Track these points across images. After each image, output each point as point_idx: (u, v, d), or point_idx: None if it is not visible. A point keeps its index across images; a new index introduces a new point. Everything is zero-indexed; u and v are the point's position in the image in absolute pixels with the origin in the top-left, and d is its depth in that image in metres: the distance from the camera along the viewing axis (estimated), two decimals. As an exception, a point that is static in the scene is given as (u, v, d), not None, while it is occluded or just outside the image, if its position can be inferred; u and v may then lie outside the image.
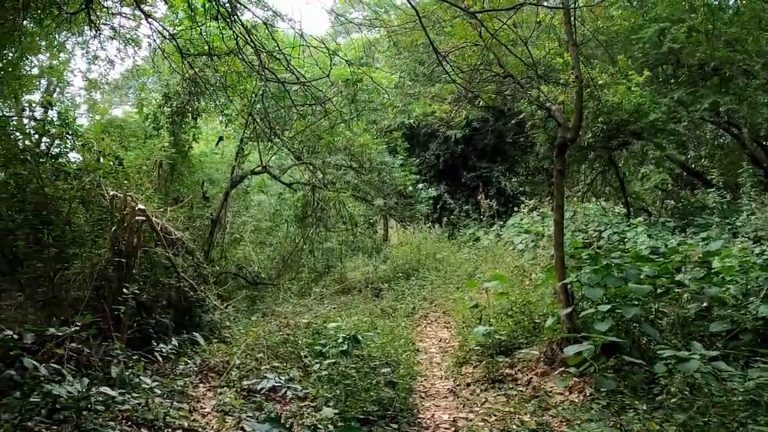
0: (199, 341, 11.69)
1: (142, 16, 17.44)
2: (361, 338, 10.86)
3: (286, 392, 9.65)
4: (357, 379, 9.65)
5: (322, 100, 14.79)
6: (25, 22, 13.20)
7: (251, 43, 11.53)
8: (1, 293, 12.82)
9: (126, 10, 16.11)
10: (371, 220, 28.50)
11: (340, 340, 10.58)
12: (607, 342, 9.36)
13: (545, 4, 13.60)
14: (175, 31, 14.41)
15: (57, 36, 19.45)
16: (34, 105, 18.02)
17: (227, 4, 11.12)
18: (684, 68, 20.82)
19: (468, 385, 11.04)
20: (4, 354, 8.90)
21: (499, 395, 10.17)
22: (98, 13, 13.92)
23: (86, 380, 8.03)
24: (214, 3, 11.77)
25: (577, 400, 9.46)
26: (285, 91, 13.10)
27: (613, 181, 23.16)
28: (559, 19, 14.24)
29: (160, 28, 13.79)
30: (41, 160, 13.60)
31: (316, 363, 10.47)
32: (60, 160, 13.86)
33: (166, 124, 20.88)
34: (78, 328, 9.01)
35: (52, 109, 15.31)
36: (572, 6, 11.81)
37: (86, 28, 17.38)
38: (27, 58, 18.66)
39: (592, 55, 19.51)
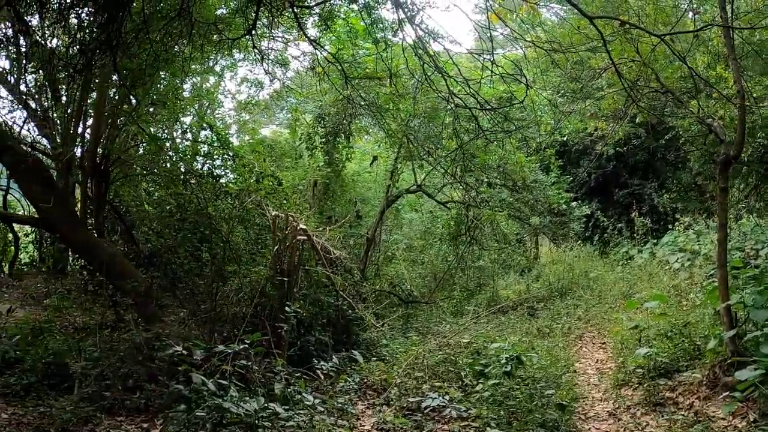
0: (357, 359, 11.74)
1: (291, 38, 17.91)
2: (524, 359, 10.71)
3: (449, 412, 9.57)
4: (521, 401, 9.51)
5: (507, 129, 14.77)
6: (185, 48, 13.53)
7: (438, 69, 11.57)
8: (164, 309, 13.16)
9: (278, 33, 16.45)
10: (519, 238, 28.24)
11: (503, 361, 10.45)
12: (777, 366, 8.98)
13: (703, 22, 13.29)
14: (333, 53, 14.58)
15: (211, 59, 19.94)
16: (193, 128, 18.50)
17: (389, 25, 11.22)
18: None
19: (628, 408, 10.73)
20: (171, 368, 9.12)
21: (660, 419, 9.87)
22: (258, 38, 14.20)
23: (262, 399, 8.13)
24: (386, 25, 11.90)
25: (740, 426, 9.10)
26: (473, 117, 13.11)
27: (766, 196, 22.35)
28: (714, 31, 13.87)
29: (324, 53, 13.97)
30: (202, 180, 13.92)
31: (479, 383, 10.37)
32: (221, 180, 14.16)
33: (320, 144, 21.15)
34: (246, 345, 9.13)
35: (210, 131, 15.66)
36: (732, 26, 11.40)
37: (235, 51, 17.83)
38: (185, 82, 19.18)
39: (743, 65, 18.85)
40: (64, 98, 15.92)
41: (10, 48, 13.57)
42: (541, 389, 10.16)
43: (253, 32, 11.05)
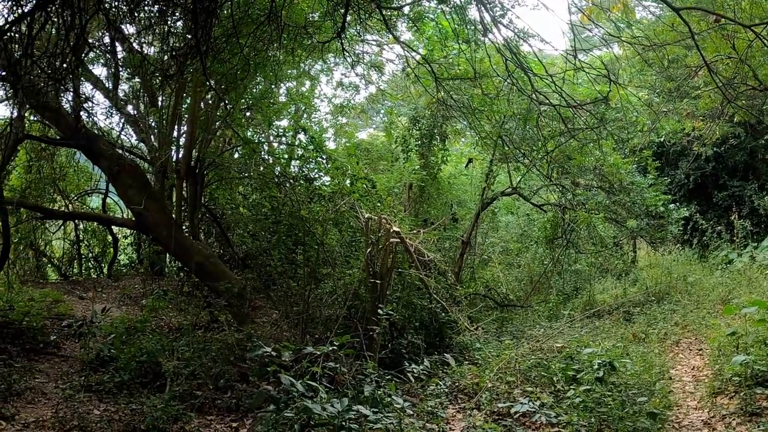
0: (449, 362, 11.66)
1: (384, 41, 17.91)
2: (617, 365, 10.51)
3: (539, 417, 9.43)
4: (613, 408, 9.32)
5: (593, 126, 14.57)
6: (277, 53, 13.61)
7: (522, 69, 11.47)
8: (257, 310, 13.27)
9: (368, 36, 16.47)
10: (616, 241, 27.78)
11: (596, 367, 10.27)
12: None
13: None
14: (425, 55, 14.56)
15: (304, 64, 20.04)
16: (288, 131, 18.65)
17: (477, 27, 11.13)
18: None
19: (723, 417, 10.44)
20: (261, 369, 9.16)
21: (756, 430, 9.58)
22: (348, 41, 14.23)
23: (346, 400, 8.10)
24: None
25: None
26: (558, 114, 12.96)
27: None
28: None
29: (415, 55, 13.96)
30: (296, 183, 14.00)
31: (571, 389, 10.21)
32: (315, 183, 14.23)
33: (415, 147, 21.11)
34: (335, 347, 9.12)
35: (306, 135, 15.74)
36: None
37: (330, 55, 17.91)
38: (279, 86, 19.32)
39: None
40: (159, 103, 16.19)
41: (106, 55, 13.83)
42: (634, 396, 9.96)
43: (343, 35, 11.05)
